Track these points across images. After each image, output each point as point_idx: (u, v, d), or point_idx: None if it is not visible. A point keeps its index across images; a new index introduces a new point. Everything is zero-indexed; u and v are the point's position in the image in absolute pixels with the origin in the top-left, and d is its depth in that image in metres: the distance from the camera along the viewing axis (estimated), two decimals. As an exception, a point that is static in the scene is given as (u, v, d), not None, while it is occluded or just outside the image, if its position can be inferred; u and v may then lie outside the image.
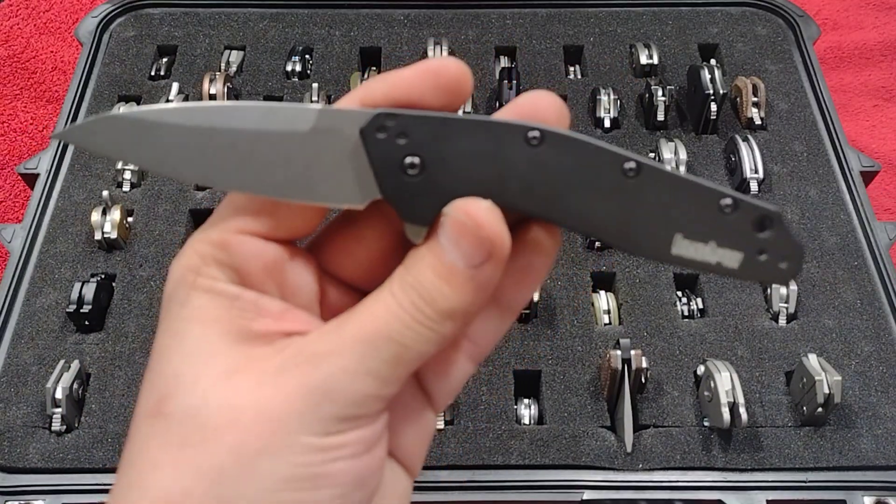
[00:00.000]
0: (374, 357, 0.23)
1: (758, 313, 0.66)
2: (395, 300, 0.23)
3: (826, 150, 0.76)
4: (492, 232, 0.23)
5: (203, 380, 0.23)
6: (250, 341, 0.23)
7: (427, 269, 0.23)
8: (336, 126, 0.24)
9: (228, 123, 0.24)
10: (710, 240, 0.23)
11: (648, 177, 0.24)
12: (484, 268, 0.23)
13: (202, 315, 0.24)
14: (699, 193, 0.23)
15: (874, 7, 1.08)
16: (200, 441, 0.22)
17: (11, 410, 0.61)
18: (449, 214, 0.23)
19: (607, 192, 0.24)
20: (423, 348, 0.23)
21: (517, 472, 0.59)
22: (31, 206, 0.72)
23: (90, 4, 1.06)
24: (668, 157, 0.72)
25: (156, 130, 0.24)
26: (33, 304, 0.66)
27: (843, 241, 0.70)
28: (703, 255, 0.23)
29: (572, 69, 0.85)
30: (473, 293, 0.23)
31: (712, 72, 0.76)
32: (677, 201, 0.23)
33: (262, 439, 0.22)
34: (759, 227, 0.23)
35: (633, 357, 0.59)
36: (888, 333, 0.65)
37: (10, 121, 0.93)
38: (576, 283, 0.68)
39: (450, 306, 0.23)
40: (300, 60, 0.83)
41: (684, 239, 0.23)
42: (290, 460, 0.22)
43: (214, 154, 0.24)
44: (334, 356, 0.23)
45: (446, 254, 0.23)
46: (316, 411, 0.22)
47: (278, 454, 0.22)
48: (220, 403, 0.22)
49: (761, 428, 0.60)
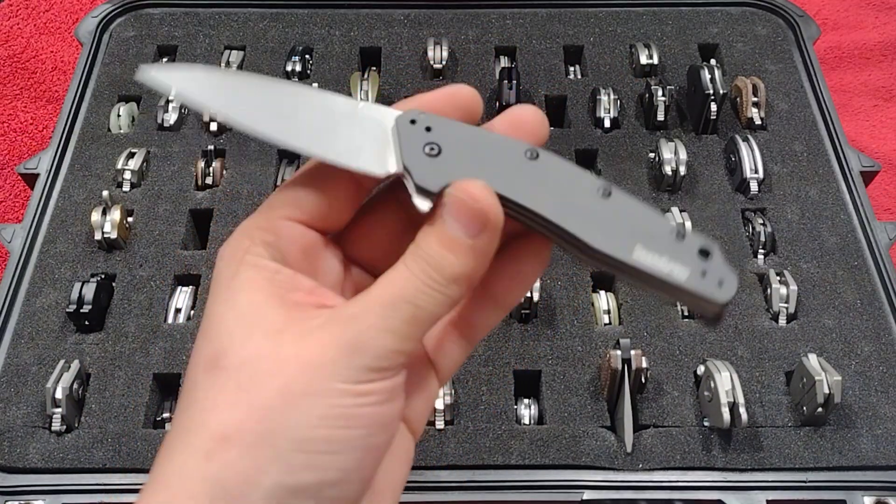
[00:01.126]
0: (394, 317, 0.27)
1: (758, 313, 0.66)
2: (409, 269, 0.28)
3: (826, 150, 0.76)
4: (486, 205, 0.27)
5: (254, 336, 0.27)
6: (289, 308, 0.28)
7: (434, 241, 0.28)
8: (376, 115, 0.30)
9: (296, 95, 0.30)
10: (665, 254, 0.28)
11: (618, 201, 0.28)
12: (481, 237, 0.27)
13: (250, 285, 0.28)
14: (657, 221, 0.29)
15: (874, 7, 1.08)
16: (252, 385, 0.26)
17: (11, 410, 0.61)
18: (450, 194, 0.28)
19: (584, 204, 0.28)
20: (434, 309, 0.27)
21: (517, 472, 0.59)
22: (31, 206, 0.72)
23: (90, 4, 1.06)
24: (668, 156, 0.72)
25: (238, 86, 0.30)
26: (33, 304, 0.66)
27: (843, 241, 0.70)
28: (658, 265, 0.28)
29: (572, 69, 0.85)
30: (474, 260, 0.28)
31: (712, 72, 0.76)
32: (640, 222, 0.28)
33: (304, 384, 0.26)
34: (702, 255, 0.28)
35: (633, 357, 0.59)
36: (888, 333, 0.65)
37: (10, 121, 0.93)
38: (576, 283, 0.68)
39: (454, 272, 0.27)
40: (300, 60, 0.83)
41: (644, 249, 0.28)
42: (326, 402, 0.26)
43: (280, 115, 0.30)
44: (362, 316, 0.27)
45: (448, 227, 0.28)
46: (348, 362, 0.26)
47: (317, 396, 0.26)
48: (269, 355, 0.26)
49: (761, 428, 0.60)
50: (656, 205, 0.73)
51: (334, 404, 0.26)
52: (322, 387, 0.26)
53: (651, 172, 0.75)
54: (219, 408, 0.26)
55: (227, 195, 0.73)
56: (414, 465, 0.63)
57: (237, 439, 0.25)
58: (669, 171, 0.72)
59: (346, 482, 0.26)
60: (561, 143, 0.77)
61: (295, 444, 0.25)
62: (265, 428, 0.25)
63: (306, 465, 0.25)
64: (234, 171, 0.75)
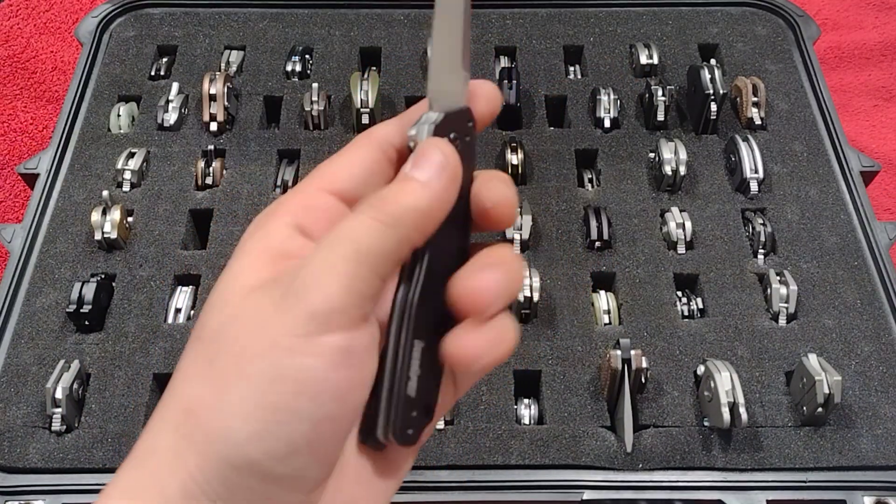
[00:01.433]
0: (335, 253, 0.25)
1: (758, 313, 0.66)
2: (355, 211, 0.27)
3: (826, 150, 0.76)
4: (444, 151, 0.27)
5: (230, 301, 0.26)
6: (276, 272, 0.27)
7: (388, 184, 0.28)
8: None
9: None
10: None
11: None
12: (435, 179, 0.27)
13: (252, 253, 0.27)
14: None
15: (874, 7, 1.08)
16: (217, 356, 0.25)
17: (11, 410, 0.61)
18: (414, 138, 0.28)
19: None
20: (376, 244, 0.26)
21: (517, 472, 0.59)
22: (31, 206, 0.72)
23: (90, 4, 1.06)
24: (668, 156, 0.72)
25: None
26: (33, 304, 0.66)
27: (843, 241, 0.70)
28: None
29: (572, 69, 0.85)
30: (426, 201, 0.27)
31: (712, 72, 0.76)
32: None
33: (254, 344, 0.25)
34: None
35: (633, 357, 0.59)
36: (888, 333, 0.65)
37: (10, 121, 0.94)
38: (576, 283, 0.68)
39: (402, 206, 0.26)
40: (300, 60, 0.83)
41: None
42: (273, 363, 0.25)
43: None
44: (306, 262, 0.26)
45: (405, 169, 0.27)
46: (291, 311, 0.25)
47: (264, 357, 0.25)
48: (234, 321, 0.26)
49: (761, 428, 0.60)
50: (656, 205, 0.73)
51: (281, 365, 0.24)
52: (269, 344, 0.25)
53: (651, 172, 0.75)
54: (189, 380, 0.26)
55: (227, 195, 0.73)
56: (414, 465, 0.64)
57: (196, 413, 0.25)
58: (669, 171, 0.72)
59: (295, 457, 0.25)
60: (561, 143, 0.77)
61: (242, 415, 0.24)
62: (218, 400, 0.25)
63: (252, 437, 0.24)
64: (233, 171, 0.75)
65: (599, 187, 0.75)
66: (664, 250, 0.70)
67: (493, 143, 0.77)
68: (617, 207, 0.73)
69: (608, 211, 0.72)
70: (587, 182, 0.76)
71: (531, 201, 0.72)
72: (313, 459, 0.26)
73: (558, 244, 0.70)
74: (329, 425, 0.26)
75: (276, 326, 0.25)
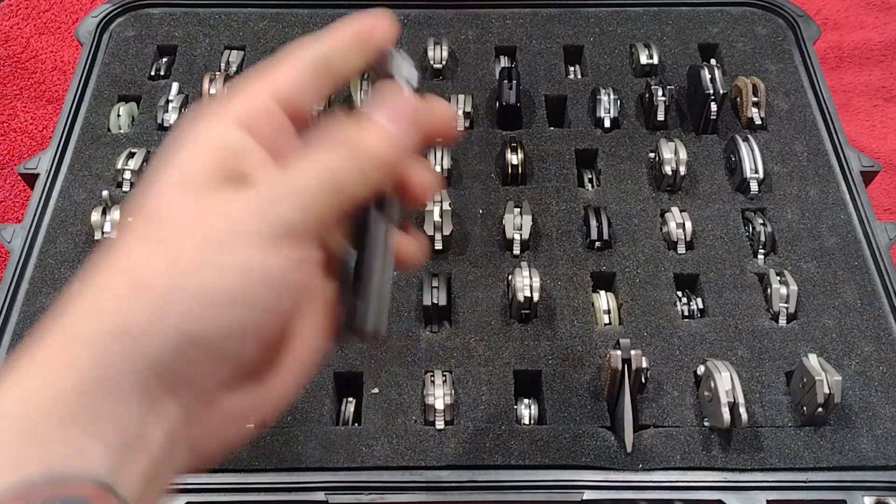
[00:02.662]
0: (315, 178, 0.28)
1: (758, 313, 0.66)
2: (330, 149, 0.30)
3: (826, 150, 0.76)
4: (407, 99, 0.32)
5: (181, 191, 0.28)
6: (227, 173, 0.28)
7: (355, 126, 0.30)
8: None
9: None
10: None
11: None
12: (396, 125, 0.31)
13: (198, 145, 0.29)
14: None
15: (874, 7, 1.08)
16: (173, 237, 0.27)
17: (11, 410, 0.61)
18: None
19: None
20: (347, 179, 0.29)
21: (517, 472, 0.59)
22: (31, 206, 0.72)
23: (90, 4, 1.06)
24: (668, 156, 0.72)
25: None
26: (33, 304, 0.66)
27: (843, 241, 0.70)
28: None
29: (572, 69, 0.85)
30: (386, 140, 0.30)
31: (712, 72, 0.76)
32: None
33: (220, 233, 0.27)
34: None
35: (633, 357, 0.59)
36: (888, 333, 0.65)
37: (10, 121, 0.94)
38: (576, 283, 0.68)
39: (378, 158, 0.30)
40: (300, 60, 0.83)
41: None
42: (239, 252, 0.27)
43: None
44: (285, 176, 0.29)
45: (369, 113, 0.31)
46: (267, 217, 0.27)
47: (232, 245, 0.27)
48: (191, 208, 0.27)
49: (761, 428, 0.60)
50: (656, 205, 0.73)
51: (247, 255, 0.27)
52: (240, 240, 0.27)
53: (651, 172, 0.75)
54: (138, 256, 0.27)
55: (227, 195, 0.73)
56: (414, 466, 0.63)
57: (150, 290, 0.26)
58: (669, 171, 0.72)
59: (243, 339, 0.27)
60: (561, 142, 0.77)
61: (202, 294, 0.26)
62: (177, 278, 0.26)
63: (208, 315, 0.26)
64: (234, 171, 0.75)
65: (599, 187, 0.75)
66: (664, 250, 0.70)
67: (493, 143, 0.77)
68: (617, 207, 0.73)
69: (608, 211, 0.72)
70: (587, 182, 0.76)
71: (531, 201, 0.72)
72: (255, 345, 0.28)
73: (558, 244, 0.70)
74: (275, 317, 0.29)
75: (247, 225, 0.27)
